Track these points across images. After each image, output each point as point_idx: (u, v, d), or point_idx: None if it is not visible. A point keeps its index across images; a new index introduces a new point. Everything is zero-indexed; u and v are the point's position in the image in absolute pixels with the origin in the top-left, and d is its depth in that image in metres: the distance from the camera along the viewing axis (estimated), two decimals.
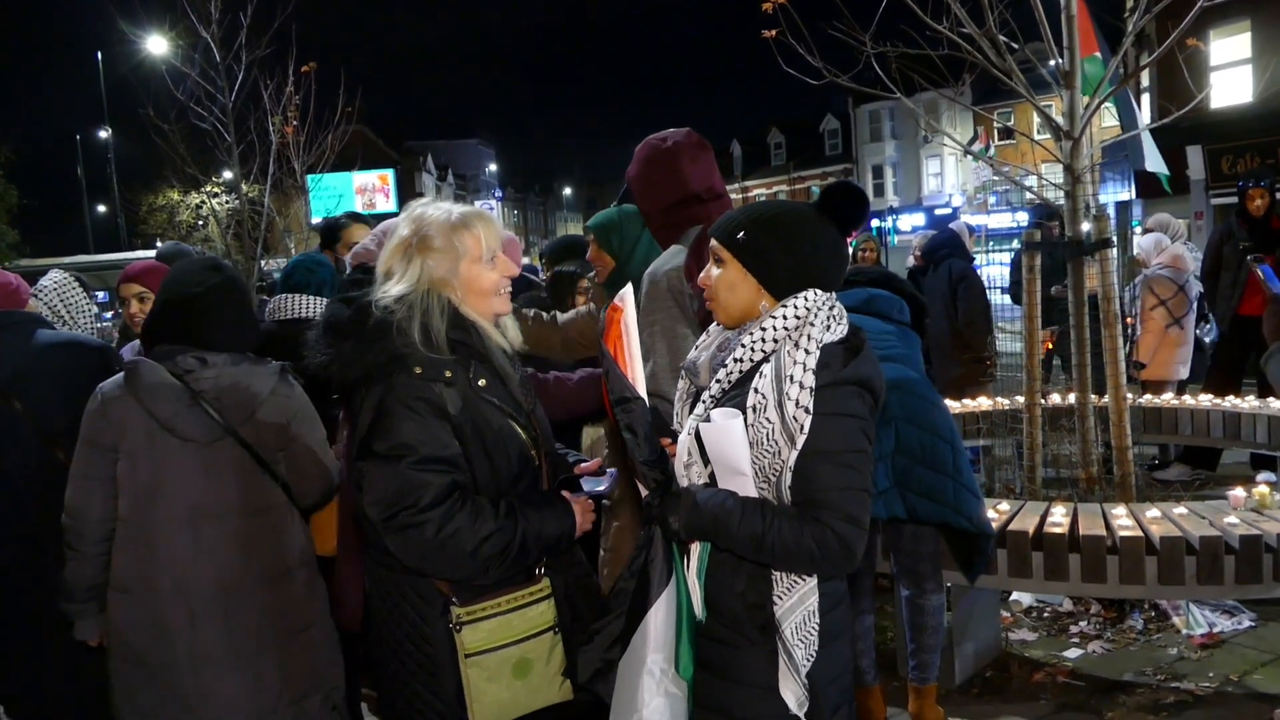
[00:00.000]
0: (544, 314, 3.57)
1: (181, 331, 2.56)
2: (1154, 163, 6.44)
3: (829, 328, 1.97)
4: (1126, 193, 21.04)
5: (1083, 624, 4.43)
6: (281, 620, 2.58)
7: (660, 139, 2.92)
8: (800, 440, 1.89)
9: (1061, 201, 4.96)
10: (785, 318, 1.98)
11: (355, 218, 4.24)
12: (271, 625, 2.56)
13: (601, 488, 2.37)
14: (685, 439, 2.06)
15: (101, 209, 37.57)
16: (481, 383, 2.20)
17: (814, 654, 1.95)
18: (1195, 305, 7.28)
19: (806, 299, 1.99)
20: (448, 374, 2.15)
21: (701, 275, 2.14)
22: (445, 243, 2.21)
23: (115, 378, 2.59)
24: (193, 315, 2.56)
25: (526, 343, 2.50)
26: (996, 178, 28.04)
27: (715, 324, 2.17)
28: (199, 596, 2.49)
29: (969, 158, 39.17)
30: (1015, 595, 4.64)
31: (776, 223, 2.04)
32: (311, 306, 3.35)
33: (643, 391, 2.07)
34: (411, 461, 2.09)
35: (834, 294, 2.06)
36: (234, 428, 2.54)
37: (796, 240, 2.03)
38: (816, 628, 1.96)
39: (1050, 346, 7.24)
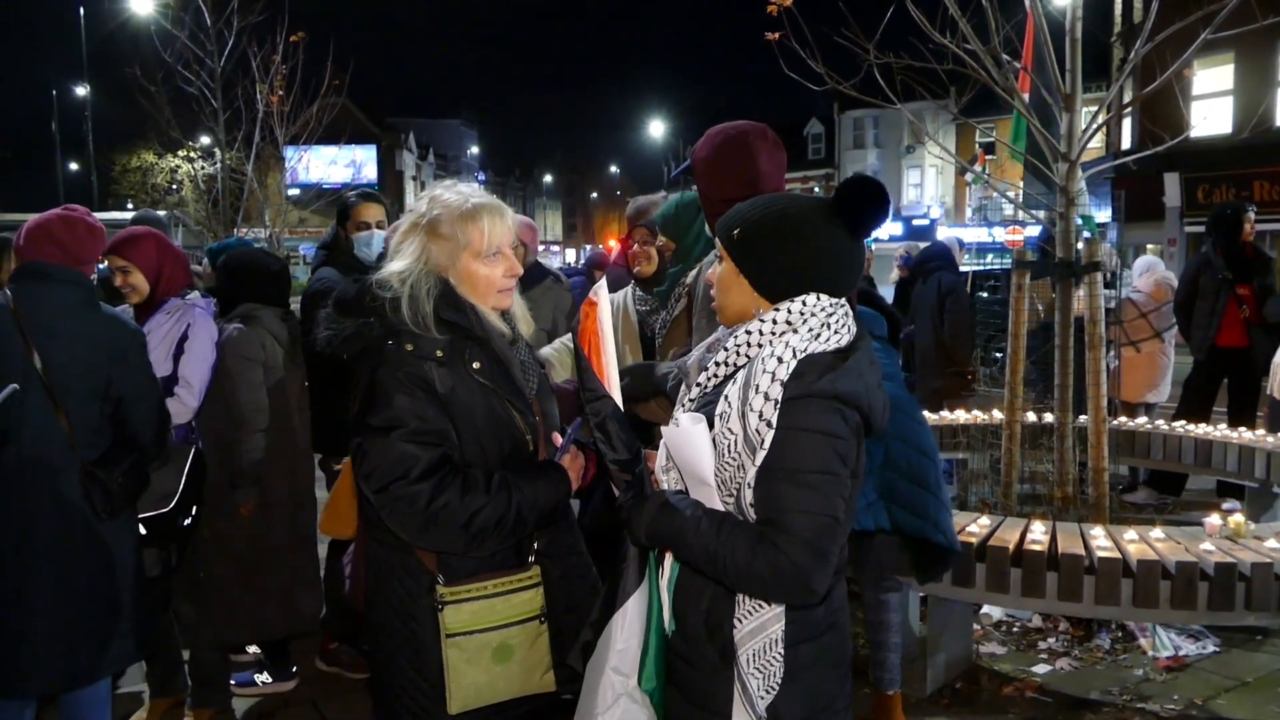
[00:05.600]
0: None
1: (264, 293, 3.80)
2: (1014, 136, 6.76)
3: (819, 336, 1.81)
4: (1104, 214, 21.29)
5: (1051, 641, 4.49)
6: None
7: (736, 127, 2.79)
8: (760, 455, 1.75)
9: (1041, 216, 5.01)
10: (774, 321, 1.85)
11: (366, 196, 4.15)
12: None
13: (571, 436, 2.30)
14: (663, 442, 1.96)
15: (74, 166, 36.88)
16: (476, 365, 2.19)
17: (775, 686, 1.80)
18: (1169, 335, 7.38)
19: (804, 303, 1.85)
20: (439, 353, 2.15)
21: (709, 271, 2.08)
22: (450, 230, 2.21)
23: (235, 324, 3.70)
24: (274, 283, 3.85)
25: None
26: (988, 200, 28.27)
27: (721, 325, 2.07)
28: (303, 454, 4.00)
29: (950, 170, 39.51)
30: (985, 609, 4.68)
31: (773, 221, 1.88)
32: None
33: (615, 391, 2.05)
34: (402, 434, 2.09)
35: (841, 300, 1.90)
36: (296, 355, 3.87)
37: (794, 241, 1.86)
38: (780, 658, 1.81)
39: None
